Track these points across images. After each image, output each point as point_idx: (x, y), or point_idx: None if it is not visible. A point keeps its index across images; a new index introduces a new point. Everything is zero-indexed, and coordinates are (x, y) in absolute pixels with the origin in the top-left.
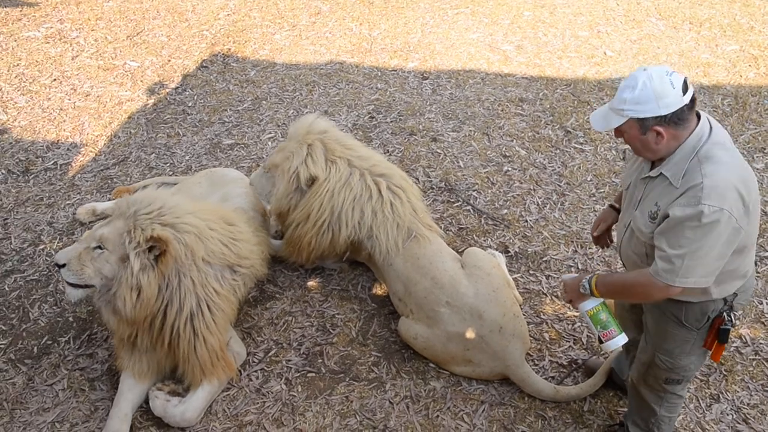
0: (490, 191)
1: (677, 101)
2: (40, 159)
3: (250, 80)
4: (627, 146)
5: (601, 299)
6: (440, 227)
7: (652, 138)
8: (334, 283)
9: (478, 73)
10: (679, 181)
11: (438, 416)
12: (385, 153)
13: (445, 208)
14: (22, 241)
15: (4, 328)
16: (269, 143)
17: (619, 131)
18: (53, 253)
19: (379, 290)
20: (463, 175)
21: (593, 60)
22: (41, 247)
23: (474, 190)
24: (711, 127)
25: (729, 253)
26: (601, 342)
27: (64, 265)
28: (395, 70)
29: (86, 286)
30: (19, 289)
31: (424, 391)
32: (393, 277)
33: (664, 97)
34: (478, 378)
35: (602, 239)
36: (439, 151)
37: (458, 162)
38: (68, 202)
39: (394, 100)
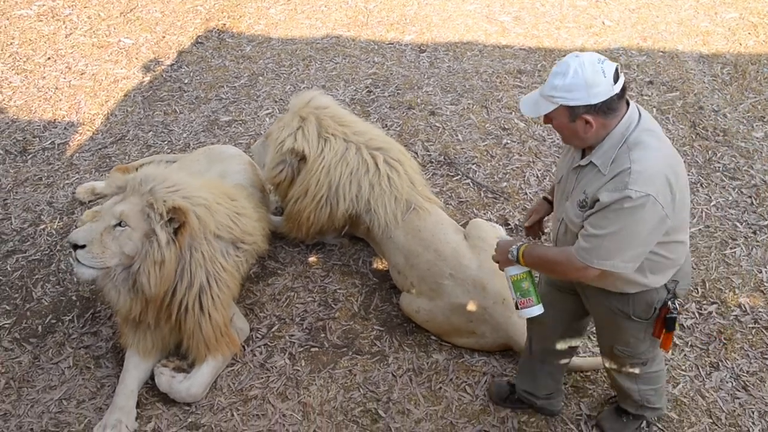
0: (489, 164)
1: (608, 90)
2: (38, 139)
3: (246, 56)
4: None
5: (528, 268)
6: (440, 201)
7: (581, 126)
8: (335, 258)
9: (476, 45)
10: (607, 168)
11: (441, 388)
12: (383, 127)
13: (445, 181)
14: (22, 222)
15: (8, 307)
16: (267, 119)
17: (548, 118)
18: (54, 233)
19: (380, 265)
20: (462, 148)
21: (591, 30)
22: (42, 227)
23: (473, 164)
24: (640, 115)
25: (653, 241)
26: (517, 308)
27: (83, 246)
28: (392, 44)
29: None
30: (21, 269)
31: (427, 363)
32: (393, 250)
33: (595, 86)
34: (481, 349)
35: (533, 230)
36: (437, 124)
37: (457, 135)
38: (67, 181)
39: (391, 73)
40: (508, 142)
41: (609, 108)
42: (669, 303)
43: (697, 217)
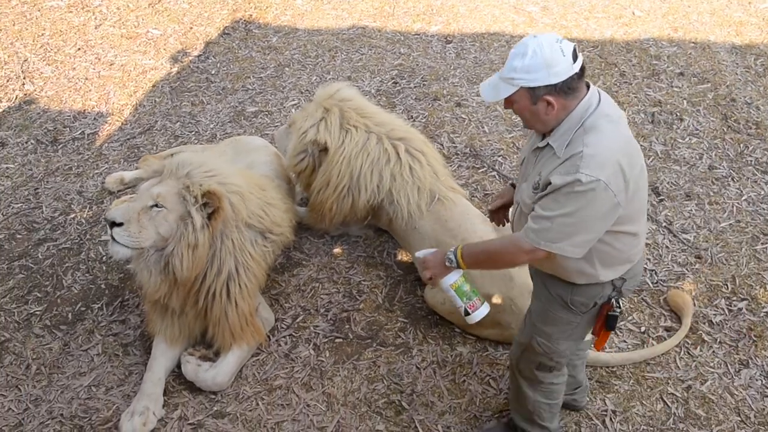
0: (515, 156)
1: (567, 69)
2: (68, 129)
3: (272, 47)
4: (655, 109)
5: (461, 271)
6: (465, 192)
7: (543, 108)
8: (360, 250)
9: (503, 35)
10: (562, 151)
11: (465, 381)
12: (409, 119)
13: (470, 173)
14: (53, 210)
15: (39, 295)
16: (293, 110)
17: (509, 102)
18: (83, 222)
19: (404, 257)
20: (488, 140)
21: (621, 20)
22: (72, 215)
23: (499, 156)
24: (600, 99)
25: (603, 228)
26: (467, 314)
27: (121, 224)
28: (418, 34)
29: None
30: (52, 257)
31: (451, 356)
32: (418, 240)
33: (555, 65)
34: (505, 341)
35: (497, 215)
36: (463, 116)
37: (483, 127)
38: (97, 171)
39: (417, 64)
40: None
41: (569, 88)
42: (613, 300)
43: (727, 212)
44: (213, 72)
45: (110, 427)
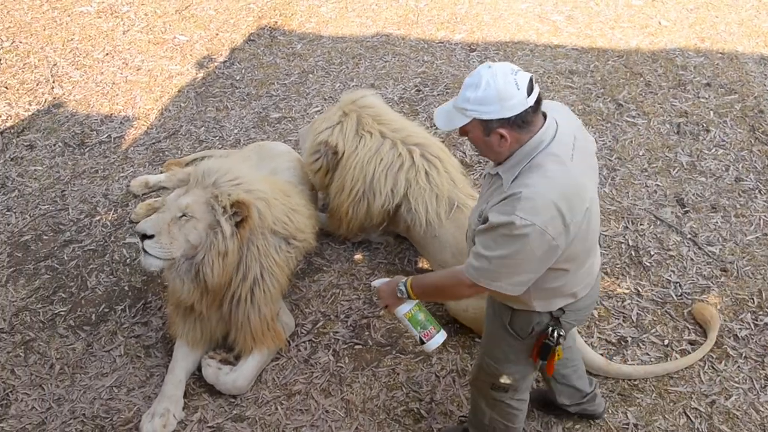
0: None
1: (521, 103)
2: (95, 132)
3: (296, 53)
4: (681, 119)
5: (416, 301)
6: None
7: (496, 140)
8: (380, 256)
9: (527, 44)
10: (508, 185)
11: None
12: (431, 127)
13: None
14: (79, 212)
15: (64, 296)
16: (316, 116)
17: (463, 131)
18: (108, 224)
19: (425, 264)
20: None
21: (647, 30)
22: (97, 218)
23: None
24: (555, 134)
25: (542, 269)
26: (422, 343)
27: (152, 236)
28: (442, 42)
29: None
30: (77, 259)
31: (471, 365)
32: (438, 247)
33: (509, 99)
34: None
35: None
36: None
37: None
38: (122, 174)
39: (440, 72)
40: None
41: (524, 121)
42: (549, 330)
43: (754, 225)
44: (238, 78)
45: (131, 427)
